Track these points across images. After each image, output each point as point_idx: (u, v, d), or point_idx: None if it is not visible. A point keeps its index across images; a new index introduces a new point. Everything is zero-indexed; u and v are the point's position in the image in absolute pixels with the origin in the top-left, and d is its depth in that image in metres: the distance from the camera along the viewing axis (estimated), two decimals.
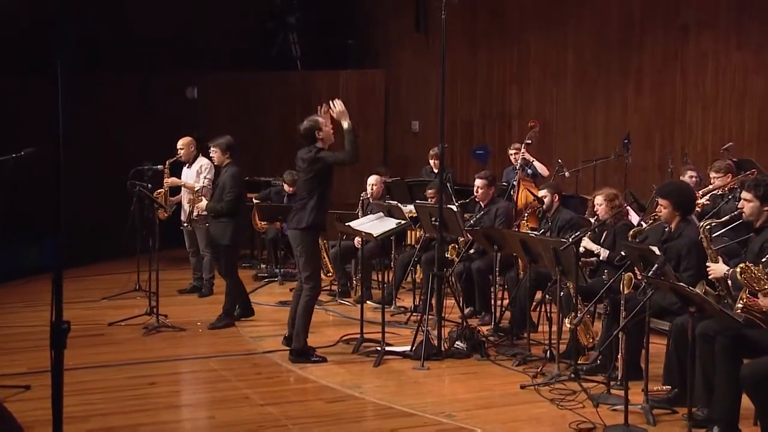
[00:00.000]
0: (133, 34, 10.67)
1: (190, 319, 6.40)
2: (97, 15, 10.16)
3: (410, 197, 7.82)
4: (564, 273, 4.85)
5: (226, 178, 6.18)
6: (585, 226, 5.59)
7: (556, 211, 6.00)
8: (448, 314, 5.79)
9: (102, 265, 9.14)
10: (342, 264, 7.39)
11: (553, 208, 6.00)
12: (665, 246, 4.57)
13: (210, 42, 11.34)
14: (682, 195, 4.69)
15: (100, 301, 7.20)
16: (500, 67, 10.89)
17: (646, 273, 4.11)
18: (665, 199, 4.62)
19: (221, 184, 6.21)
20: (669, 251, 4.51)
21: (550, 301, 5.24)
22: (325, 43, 11.95)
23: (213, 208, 6.24)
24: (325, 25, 12.11)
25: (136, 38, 10.65)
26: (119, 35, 10.55)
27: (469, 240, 6.12)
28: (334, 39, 11.88)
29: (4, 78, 9.90)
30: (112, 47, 10.45)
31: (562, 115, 10.42)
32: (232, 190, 6.16)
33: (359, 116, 11.34)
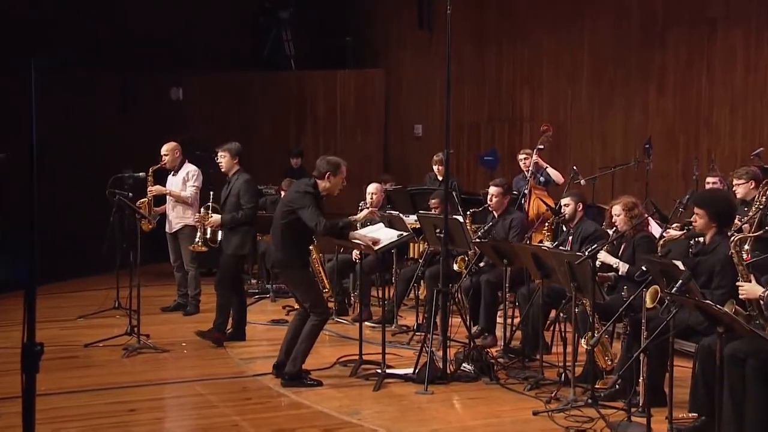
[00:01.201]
0: (112, 31, 10.67)
1: (175, 340, 6.39)
2: (72, 10, 10.14)
3: (413, 207, 7.82)
4: (580, 289, 4.84)
5: (240, 185, 6.22)
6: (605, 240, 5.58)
7: (579, 222, 5.98)
8: (454, 334, 5.77)
9: (78, 281, 9.13)
10: (339, 279, 7.38)
11: (576, 218, 5.99)
12: (696, 260, 4.54)
13: (197, 39, 11.36)
14: (719, 205, 4.62)
15: (76, 320, 7.19)
16: (510, 67, 10.93)
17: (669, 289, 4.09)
18: (701, 209, 4.58)
19: (236, 193, 6.23)
20: (700, 266, 4.48)
21: (565, 319, 5.23)
22: (321, 40, 12.01)
23: (232, 219, 6.23)
24: (320, 22, 12.17)
25: (116, 35, 10.65)
26: (97, 32, 10.54)
27: (477, 252, 6.11)
28: (330, 36, 11.93)
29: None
30: (89, 44, 10.44)
31: (577, 119, 10.44)
32: (253, 198, 6.25)
33: (358, 120, 11.40)
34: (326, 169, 5.25)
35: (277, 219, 5.26)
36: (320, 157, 5.38)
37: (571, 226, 5.99)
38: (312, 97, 11.55)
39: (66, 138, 10.05)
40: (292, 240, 5.22)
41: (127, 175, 7.14)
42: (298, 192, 5.21)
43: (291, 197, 5.23)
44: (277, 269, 5.30)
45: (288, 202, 5.22)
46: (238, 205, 6.23)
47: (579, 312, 4.98)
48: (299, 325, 5.32)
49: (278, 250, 5.22)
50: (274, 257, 5.27)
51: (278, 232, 5.23)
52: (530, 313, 5.63)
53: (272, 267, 5.31)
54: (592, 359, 4.89)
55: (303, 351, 5.21)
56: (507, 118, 10.98)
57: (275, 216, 5.34)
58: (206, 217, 6.50)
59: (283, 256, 5.21)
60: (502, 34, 10.94)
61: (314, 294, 5.33)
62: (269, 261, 5.41)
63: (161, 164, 7.25)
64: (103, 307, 7.35)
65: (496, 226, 6.41)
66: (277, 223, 5.25)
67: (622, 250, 5.47)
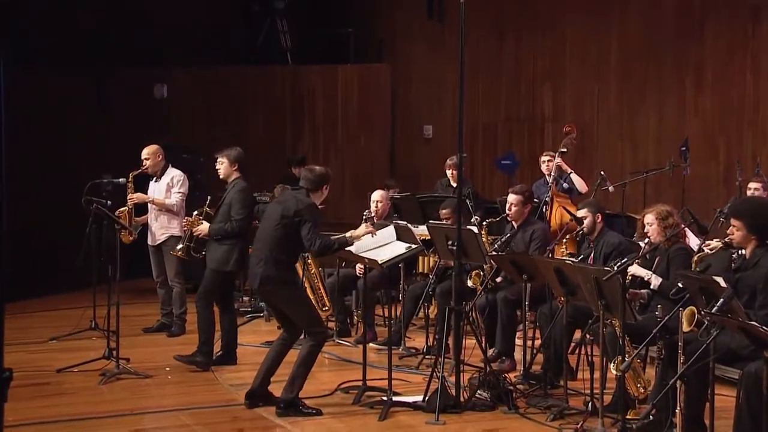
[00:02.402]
0: (88, 22, 10.71)
1: (157, 364, 6.38)
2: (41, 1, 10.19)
3: (422, 216, 7.82)
4: (608, 308, 4.82)
5: (235, 194, 6.25)
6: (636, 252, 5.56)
7: (599, 235, 5.98)
8: (468, 357, 5.75)
9: (51, 299, 9.14)
10: (341, 296, 7.38)
11: (596, 231, 5.98)
12: (737, 276, 4.53)
13: (182, 30, 11.41)
14: (759, 215, 4.60)
15: (47, 343, 7.19)
16: (530, 61, 10.95)
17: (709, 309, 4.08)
18: (738, 220, 4.57)
19: (228, 202, 6.25)
20: (741, 283, 4.47)
21: (592, 341, 5.21)
22: (320, 32, 12.04)
23: (220, 229, 6.25)
24: (320, 11, 12.21)
25: (92, 26, 10.68)
26: (71, 23, 10.57)
27: (494, 267, 6.11)
28: (330, 27, 11.97)
29: None
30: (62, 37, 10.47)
31: (604, 118, 10.44)
32: (244, 208, 6.23)
33: (361, 120, 11.42)
34: (321, 181, 5.31)
35: (270, 230, 5.24)
36: (308, 169, 5.42)
37: (591, 240, 5.98)
38: (310, 94, 11.58)
39: (36, 141, 10.07)
40: (287, 254, 5.23)
41: (105, 181, 7.16)
42: (303, 204, 5.19)
43: (295, 207, 5.18)
44: (268, 287, 5.27)
45: (284, 215, 5.19)
46: (228, 215, 6.25)
47: (607, 333, 4.97)
48: (281, 351, 5.33)
49: (268, 265, 5.20)
50: (263, 273, 5.22)
51: (270, 245, 5.21)
52: (553, 334, 5.61)
53: (259, 285, 5.28)
54: (622, 386, 4.87)
55: (301, 375, 5.21)
56: (526, 118, 10.98)
57: (265, 226, 5.32)
58: (196, 223, 6.48)
59: (276, 271, 5.19)
60: (521, 25, 10.96)
61: (311, 312, 5.34)
62: (253, 280, 5.36)
63: (143, 169, 7.27)
64: (77, 327, 7.36)
65: (514, 237, 6.41)
66: (269, 235, 5.23)
67: (655, 264, 5.45)
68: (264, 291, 5.38)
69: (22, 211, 9.57)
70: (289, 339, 5.35)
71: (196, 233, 6.47)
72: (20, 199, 9.69)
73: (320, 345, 5.28)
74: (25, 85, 9.04)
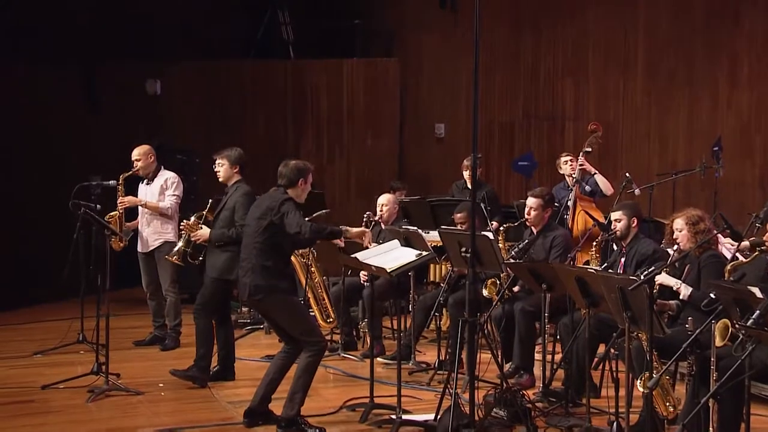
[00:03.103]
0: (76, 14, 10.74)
1: (150, 380, 6.40)
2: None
3: (434, 221, 7.83)
4: (634, 320, 4.81)
5: (237, 198, 6.26)
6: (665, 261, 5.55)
7: (633, 241, 5.95)
8: (483, 372, 5.75)
9: (35, 310, 9.17)
10: (346, 307, 7.39)
11: (630, 236, 5.97)
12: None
13: (177, 22, 11.44)
14: None
15: (32, 357, 7.21)
16: (550, 55, 10.95)
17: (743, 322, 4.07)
18: None
19: (231, 206, 6.27)
20: None
21: (617, 356, 5.20)
22: (325, 24, 12.06)
23: (222, 235, 6.27)
24: (324, 1, 12.23)
25: (81, 18, 10.72)
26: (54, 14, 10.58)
27: (511, 276, 6.11)
28: (335, 18, 11.99)
29: None
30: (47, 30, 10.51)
31: (630, 116, 10.43)
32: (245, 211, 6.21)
33: (368, 118, 11.44)
34: (297, 175, 5.37)
35: (251, 237, 5.31)
36: (283, 164, 5.49)
37: (623, 245, 5.97)
38: (313, 91, 11.60)
39: (19, 141, 10.13)
40: (273, 260, 5.26)
41: (94, 183, 7.18)
42: (274, 201, 5.28)
43: (270, 205, 5.29)
44: (258, 297, 5.30)
45: (264, 216, 5.27)
46: (231, 220, 6.27)
47: (634, 348, 4.96)
48: (283, 365, 5.35)
49: (256, 274, 5.24)
50: (251, 283, 5.26)
51: (254, 252, 5.27)
52: (574, 348, 5.61)
53: (249, 296, 5.31)
54: (650, 405, 4.86)
55: (301, 388, 5.23)
56: (546, 116, 10.98)
57: (248, 233, 5.39)
58: (195, 227, 6.51)
59: (265, 279, 5.24)
60: (540, 15, 10.96)
61: (306, 321, 5.37)
62: (242, 292, 5.39)
63: (133, 171, 7.30)
64: (64, 341, 7.37)
65: (533, 244, 6.41)
66: (251, 242, 5.30)
67: (685, 273, 5.45)
68: (255, 302, 5.41)
69: (2, 216, 9.64)
70: (291, 352, 5.37)
71: (195, 238, 6.49)
72: (3, 203, 9.77)
73: (318, 355, 5.30)
74: (3, 80, 9.10)
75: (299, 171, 5.39)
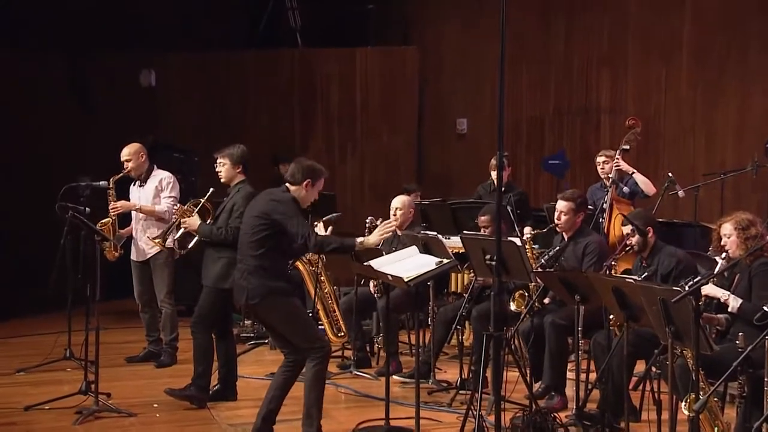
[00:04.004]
0: None
1: (143, 400, 6.42)
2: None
3: (455, 226, 7.82)
4: (678, 336, 4.79)
5: (237, 200, 6.29)
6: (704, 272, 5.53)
7: (652, 252, 5.97)
8: (510, 393, 5.75)
9: (18, 323, 9.22)
10: (359, 320, 7.40)
11: (648, 247, 5.98)
12: None
13: (173, 8, 11.50)
14: None
15: (14, 375, 7.24)
16: (584, 42, 10.93)
17: None
18: None
19: (230, 207, 6.30)
20: None
21: (659, 375, 5.18)
22: (336, 8, 12.08)
23: (209, 232, 6.31)
24: None
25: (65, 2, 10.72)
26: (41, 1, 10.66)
27: (540, 286, 6.10)
28: (348, 3, 12.01)
29: None
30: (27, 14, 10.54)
31: (674, 110, 10.39)
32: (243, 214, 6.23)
33: (383, 112, 11.45)
34: (305, 176, 5.39)
35: (248, 236, 5.35)
36: (296, 161, 5.54)
37: (644, 259, 5.97)
38: (323, 83, 11.62)
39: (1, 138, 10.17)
40: (271, 260, 5.29)
41: (83, 184, 7.21)
42: (275, 200, 5.31)
43: (266, 207, 5.31)
44: (253, 301, 5.33)
45: (263, 213, 5.30)
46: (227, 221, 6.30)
47: (678, 366, 4.94)
48: (286, 380, 5.37)
49: (251, 276, 5.28)
50: (248, 286, 5.30)
51: (250, 253, 5.31)
52: (611, 366, 5.59)
53: (246, 300, 5.35)
54: (696, 429, 4.83)
55: (315, 402, 5.27)
56: (580, 110, 10.96)
57: (243, 233, 5.44)
58: (187, 213, 6.53)
59: (260, 282, 5.27)
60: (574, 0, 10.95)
61: (306, 326, 5.38)
62: (239, 296, 5.42)
63: (125, 172, 7.33)
64: (49, 357, 7.39)
65: (565, 251, 6.40)
66: (247, 242, 5.34)
67: (734, 283, 5.42)
68: (251, 306, 5.42)
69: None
70: (294, 366, 5.37)
71: (184, 225, 6.51)
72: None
73: (324, 361, 5.33)
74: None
75: (308, 171, 5.42)
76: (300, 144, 11.33)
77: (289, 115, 11.62)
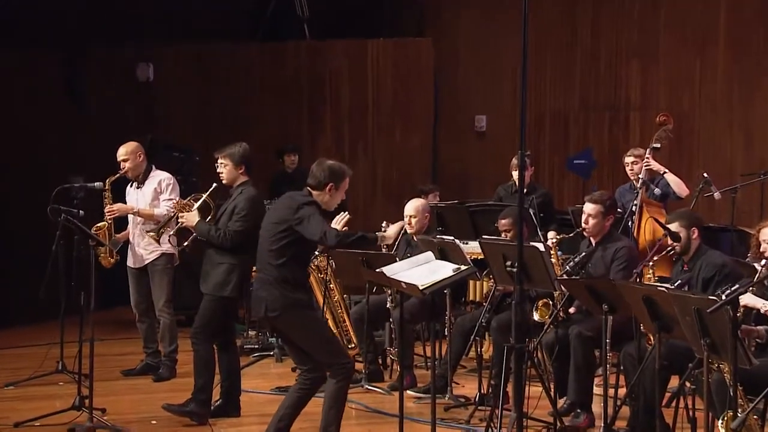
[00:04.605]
0: None
1: (140, 416, 6.42)
2: None
3: (473, 230, 7.81)
4: (715, 348, 4.78)
5: (239, 202, 6.30)
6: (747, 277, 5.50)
7: (696, 254, 5.94)
8: (533, 409, 5.72)
9: (6, 334, 9.23)
10: (370, 331, 7.39)
11: (692, 250, 5.95)
12: None
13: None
14: None
15: (2, 389, 7.24)
16: (612, 33, 10.90)
17: None
18: None
19: (231, 210, 6.30)
20: None
21: (693, 391, 5.16)
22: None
23: (207, 232, 6.30)
24: None
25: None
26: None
27: (565, 294, 6.08)
28: None
29: None
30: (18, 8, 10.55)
31: (709, 105, 10.36)
32: (246, 220, 6.24)
33: (396, 108, 11.45)
34: (328, 178, 5.37)
35: (268, 245, 5.34)
36: (317, 162, 5.50)
37: (685, 262, 5.94)
38: (333, 76, 11.64)
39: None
40: (292, 271, 5.29)
41: (76, 185, 7.23)
42: (293, 206, 5.29)
43: (283, 214, 5.31)
44: (274, 313, 5.33)
45: (282, 220, 5.29)
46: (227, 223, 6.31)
47: (714, 381, 4.92)
48: (300, 398, 5.36)
49: (272, 287, 5.28)
50: (268, 297, 5.29)
51: (270, 262, 5.31)
52: (642, 381, 5.57)
53: (265, 313, 5.35)
54: None
55: (334, 421, 5.27)
56: (607, 106, 10.94)
57: (263, 241, 5.42)
58: (186, 208, 6.56)
59: (281, 293, 5.26)
60: None
61: (329, 340, 5.39)
62: (257, 307, 5.42)
63: (121, 173, 7.35)
64: (41, 370, 7.41)
65: (592, 257, 6.38)
66: (267, 251, 5.33)
67: None
68: (271, 319, 5.42)
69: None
70: (310, 384, 5.37)
71: (181, 220, 6.52)
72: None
73: (347, 379, 5.34)
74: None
75: (332, 173, 5.39)
76: (308, 142, 11.34)
77: (296, 111, 11.63)
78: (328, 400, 5.29)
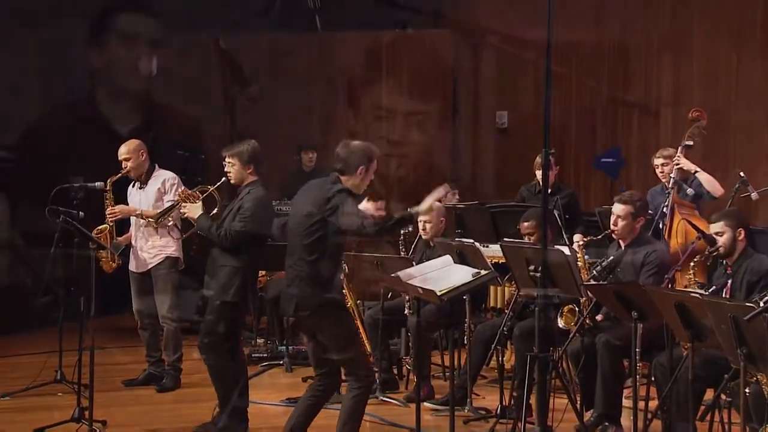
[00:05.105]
0: None
1: (143, 428, 6.45)
2: None
3: (495, 232, 7.81)
4: (752, 359, 4.76)
5: (246, 203, 6.29)
6: None
7: (740, 257, 5.91)
8: (558, 422, 5.73)
9: (3, 342, 9.25)
10: (385, 338, 7.40)
11: (737, 252, 5.92)
12: None
13: None
14: None
15: None
16: (643, 24, 10.88)
17: None
18: None
19: (237, 209, 6.30)
20: None
21: (729, 404, 5.14)
22: None
23: (207, 228, 6.30)
24: None
25: None
26: None
27: (592, 301, 6.07)
28: None
29: None
30: None
31: (745, 101, 10.32)
32: (251, 221, 6.22)
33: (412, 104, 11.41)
34: (358, 161, 5.36)
35: (299, 239, 5.32)
36: (342, 144, 5.49)
37: (729, 264, 5.92)
38: (346, 70, 11.64)
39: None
40: (325, 266, 5.27)
41: (76, 185, 7.25)
42: (323, 192, 5.27)
43: (314, 206, 5.28)
44: (304, 312, 5.33)
45: (312, 213, 5.27)
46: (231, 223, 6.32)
47: (750, 393, 4.91)
48: (312, 405, 5.37)
49: (303, 284, 5.26)
50: (299, 294, 5.29)
51: (303, 259, 5.29)
52: (674, 393, 5.55)
53: (295, 310, 5.35)
54: None
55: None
56: (637, 101, 10.91)
57: (293, 236, 5.40)
58: (191, 198, 6.58)
59: (314, 291, 5.25)
60: None
61: (358, 345, 5.41)
62: (287, 305, 5.43)
63: (123, 172, 7.37)
64: (38, 380, 7.41)
65: (621, 261, 6.36)
66: (299, 246, 5.31)
67: None
68: (301, 318, 5.40)
69: None
70: (323, 390, 5.38)
71: (184, 210, 6.52)
72: None
73: (367, 392, 5.34)
74: None
75: (362, 154, 5.39)
76: (319, 138, 11.32)
77: (307, 106, 11.63)
78: (343, 414, 5.28)
